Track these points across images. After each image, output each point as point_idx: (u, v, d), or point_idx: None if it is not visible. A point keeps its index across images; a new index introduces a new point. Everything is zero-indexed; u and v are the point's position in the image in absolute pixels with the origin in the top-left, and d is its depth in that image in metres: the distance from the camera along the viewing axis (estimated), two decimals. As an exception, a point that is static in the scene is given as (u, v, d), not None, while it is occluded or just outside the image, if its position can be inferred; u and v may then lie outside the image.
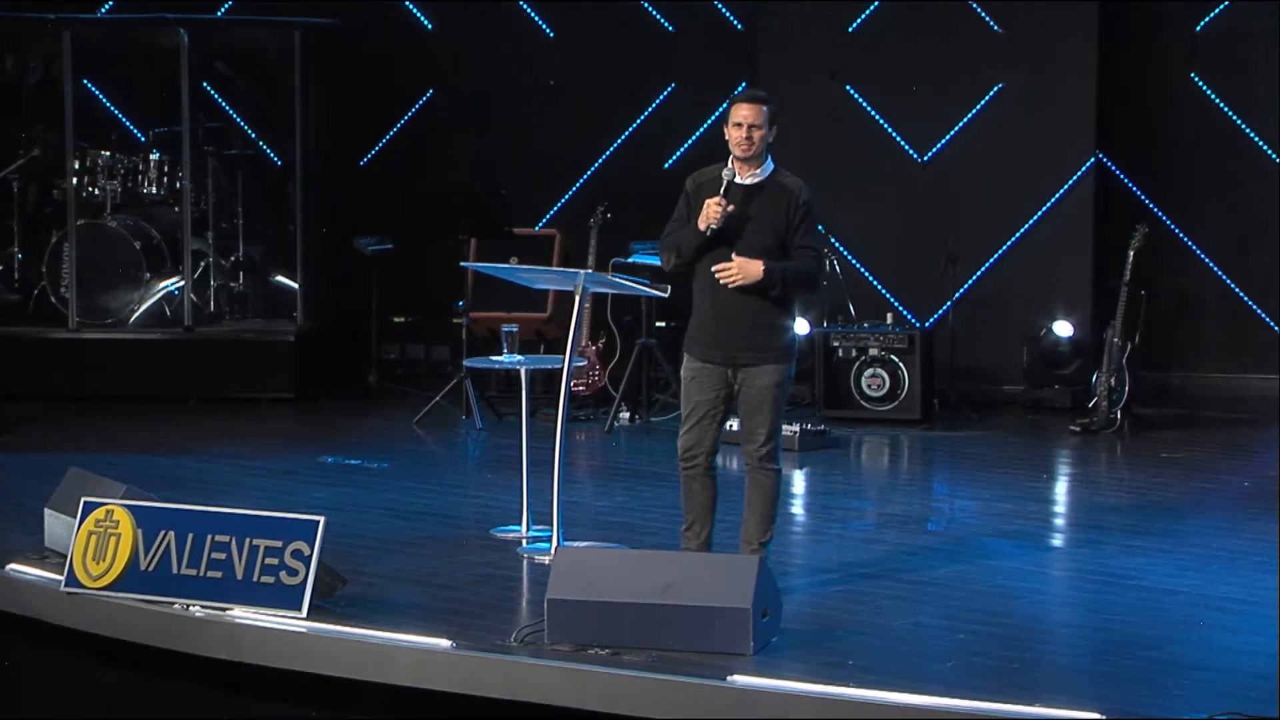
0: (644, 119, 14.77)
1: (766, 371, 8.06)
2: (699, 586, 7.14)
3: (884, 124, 13.95)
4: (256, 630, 7.38)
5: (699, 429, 8.19)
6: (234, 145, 14.69)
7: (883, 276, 13.92)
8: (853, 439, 12.36)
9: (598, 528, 9.38)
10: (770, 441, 8.14)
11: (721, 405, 8.18)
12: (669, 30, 14.79)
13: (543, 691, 6.88)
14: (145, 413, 13.12)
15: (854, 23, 13.96)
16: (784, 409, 8.20)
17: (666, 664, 6.89)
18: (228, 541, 7.58)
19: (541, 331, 13.43)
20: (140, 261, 14.11)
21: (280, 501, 9.67)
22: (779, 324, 8.10)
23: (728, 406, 8.21)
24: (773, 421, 8.14)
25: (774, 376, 8.06)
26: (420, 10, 15.11)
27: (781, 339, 8.11)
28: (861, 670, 6.87)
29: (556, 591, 7.24)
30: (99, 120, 14.75)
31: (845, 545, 9.39)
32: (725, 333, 8.08)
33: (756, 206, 8.09)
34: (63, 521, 8.28)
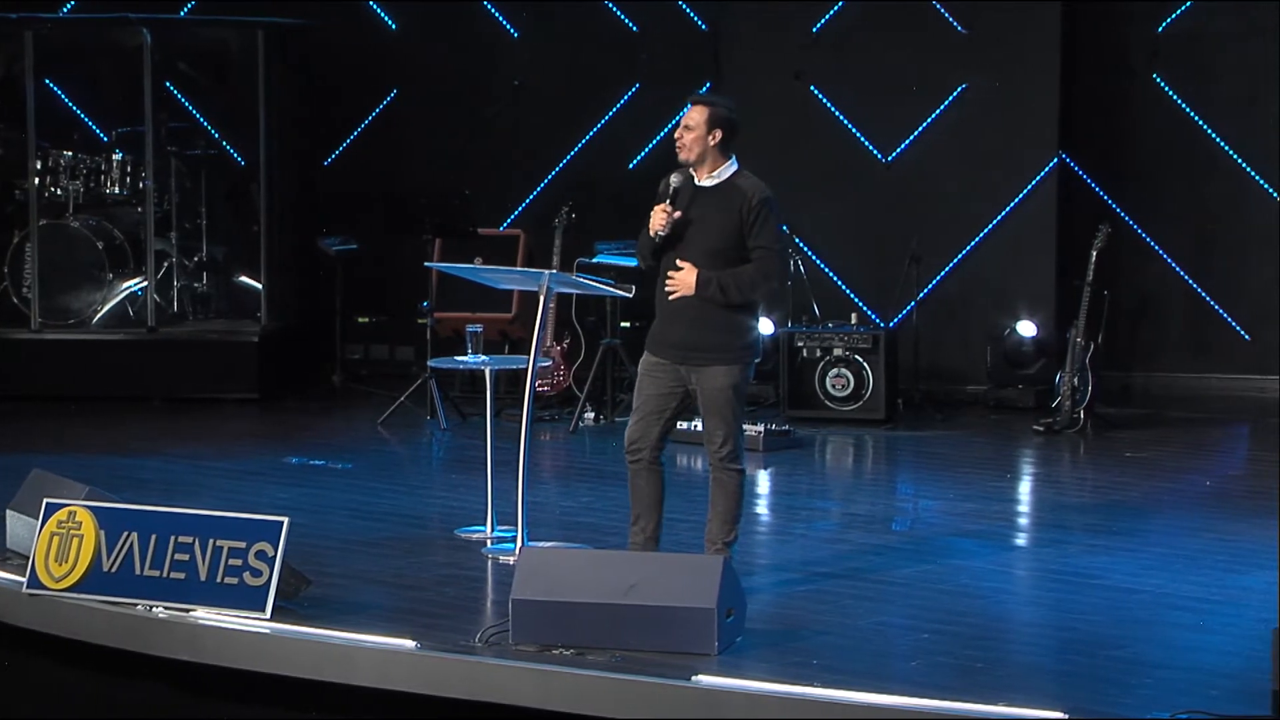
0: (608, 119, 14.76)
1: (719, 373, 8.03)
2: (663, 587, 7.14)
3: (848, 124, 13.97)
4: (219, 631, 7.36)
5: (644, 422, 8.19)
6: (197, 145, 14.66)
7: (847, 276, 13.93)
8: (817, 439, 12.38)
9: (562, 528, 9.38)
10: (729, 443, 8.11)
11: (672, 402, 8.16)
12: (633, 30, 14.79)
13: (507, 692, 6.87)
14: (108, 413, 13.07)
15: (818, 23, 13.97)
16: (742, 410, 8.16)
17: (631, 664, 6.89)
18: (191, 542, 7.57)
19: (506, 332, 13.43)
20: (103, 262, 14.07)
21: (244, 502, 9.65)
22: (732, 324, 8.05)
23: (680, 405, 8.20)
24: (729, 423, 8.09)
25: (727, 378, 8.03)
26: (384, 10, 15.09)
27: (735, 340, 8.06)
28: (826, 670, 6.88)
29: (521, 592, 7.23)
30: (61, 120, 14.70)
31: (810, 545, 9.40)
32: (678, 332, 8.08)
33: (708, 210, 8.08)
34: (24, 523, 8.24)
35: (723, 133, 8.11)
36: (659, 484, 8.29)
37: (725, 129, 8.11)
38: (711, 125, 8.10)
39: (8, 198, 14.57)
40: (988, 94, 13.68)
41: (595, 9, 14.76)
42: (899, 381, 13.06)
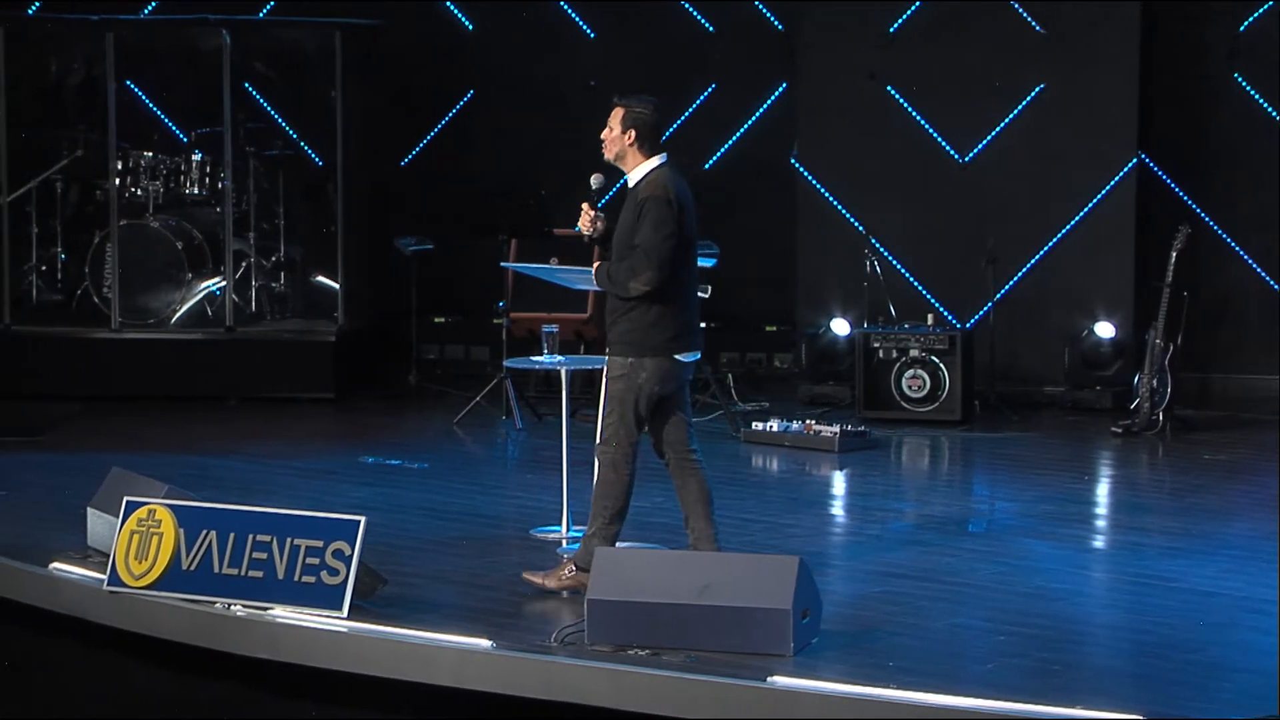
0: (684, 120, 14.76)
1: (610, 363, 8.14)
2: (738, 587, 7.13)
3: (924, 124, 13.92)
4: (297, 630, 7.39)
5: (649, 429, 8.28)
6: (275, 146, 14.74)
7: (923, 277, 13.89)
8: (893, 440, 12.34)
9: (636, 528, 9.36)
10: (602, 434, 8.13)
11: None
12: (709, 31, 14.79)
13: (582, 692, 6.88)
14: (186, 413, 13.17)
15: (895, 23, 13.93)
16: (624, 404, 8.07)
17: (706, 665, 6.89)
18: (269, 541, 7.60)
19: (581, 332, 13.44)
20: (182, 262, 14.17)
21: (321, 501, 9.70)
22: (628, 316, 8.08)
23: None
24: (607, 414, 8.11)
25: (612, 369, 8.12)
26: (461, 10, 15.14)
27: (626, 332, 8.09)
28: (901, 671, 6.85)
29: (596, 592, 7.24)
30: (141, 121, 14.82)
31: (885, 546, 9.37)
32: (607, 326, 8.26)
33: (624, 209, 8.19)
34: (105, 521, 8.31)
35: (637, 132, 8.19)
36: (689, 483, 8.25)
37: (640, 129, 8.20)
38: (626, 126, 8.23)
39: (89, 198, 14.70)
40: (1066, 94, 13.61)
41: (671, 9, 14.77)
42: (975, 382, 13.00)
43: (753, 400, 13.40)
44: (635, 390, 8.05)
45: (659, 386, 8.08)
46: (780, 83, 14.59)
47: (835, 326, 13.79)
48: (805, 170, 14.15)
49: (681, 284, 8.09)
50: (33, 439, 11.99)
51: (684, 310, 8.10)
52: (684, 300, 8.11)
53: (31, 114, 14.65)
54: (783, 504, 10.33)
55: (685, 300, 8.12)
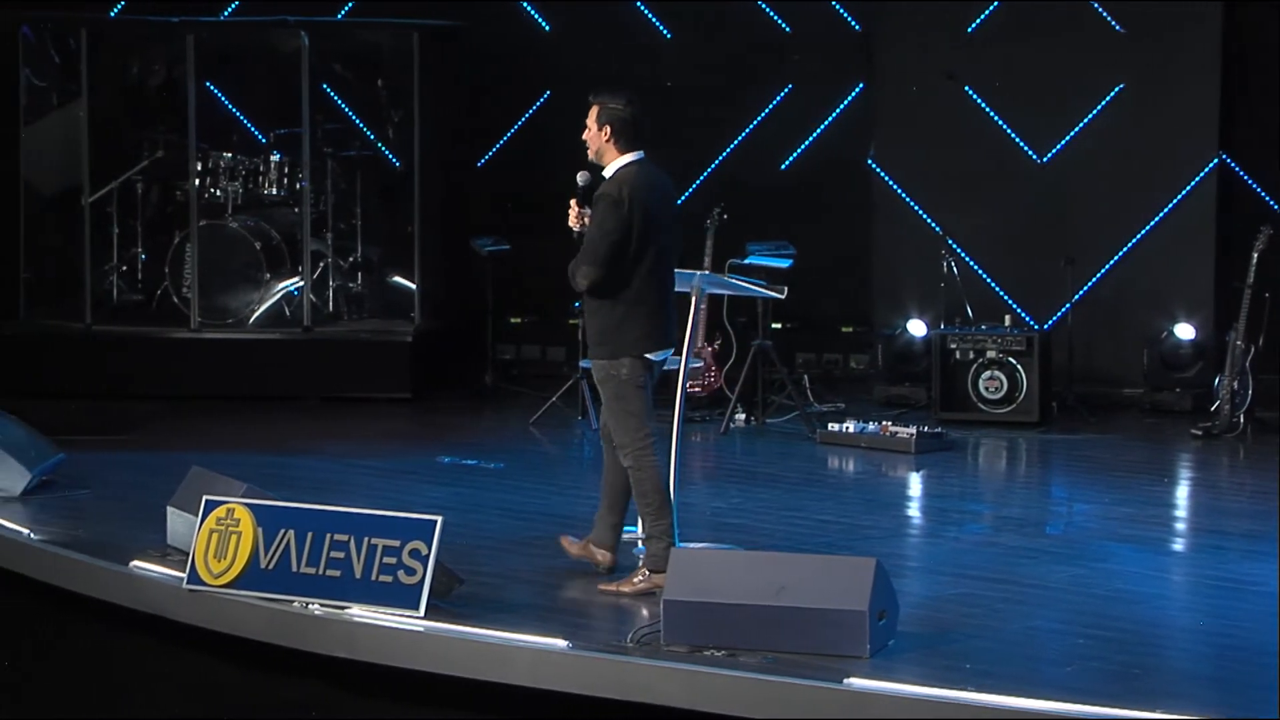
0: (760, 120, 14.75)
1: (594, 367, 8.34)
2: (815, 588, 7.12)
3: (1002, 125, 13.85)
4: (374, 629, 7.42)
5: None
6: (352, 146, 14.81)
7: (1000, 278, 13.82)
8: (969, 441, 12.29)
9: (713, 529, 9.38)
10: (615, 438, 8.30)
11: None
12: (786, 31, 14.76)
13: (657, 692, 6.88)
14: (264, 412, 13.24)
15: (973, 23, 13.87)
16: (624, 404, 8.23)
17: (782, 666, 6.88)
18: (346, 540, 7.63)
19: (657, 332, 13.42)
20: (260, 262, 14.25)
21: (397, 501, 9.73)
22: (597, 316, 8.27)
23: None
24: (610, 418, 8.31)
25: (597, 372, 8.30)
26: (538, 11, 15.16)
27: (600, 333, 8.27)
28: (979, 674, 6.83)
29: (672, 593, 7.24)
30: (220, 122, 14.91)
31: (962, 548, 9.34)
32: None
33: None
34: (185, 519, 8.36)
35: (612, 129, 8.29)
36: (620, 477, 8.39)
37: (614, 125, 8.30)
38: (601, 123, 8.36)
39: (169, 199, 14.80)
40: (1146, 93, 13.51)
41: (748, 10, 14.75)
42: (1053, 384, 12.93)
43: (828, 401, 13.36)
44: (623, 387, 8.22)
45: (642, 379, 8.26)
46: (857, 83, 14.55)
47: (912, 327, 13.74)
48: (882, 171, 14.11)
49: (648, 283, 8.20)
50: (113, 438, 12.09)
51: (652, 309, 8.23)
52: (653, 299, 8.23)
53: (113, 116, 14.77)
54: (859, 505, 10.30)
55: (654, 299, 8.23)
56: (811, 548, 8.87)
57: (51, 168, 14.80)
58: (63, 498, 10.06)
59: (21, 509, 9.65)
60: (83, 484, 10.37)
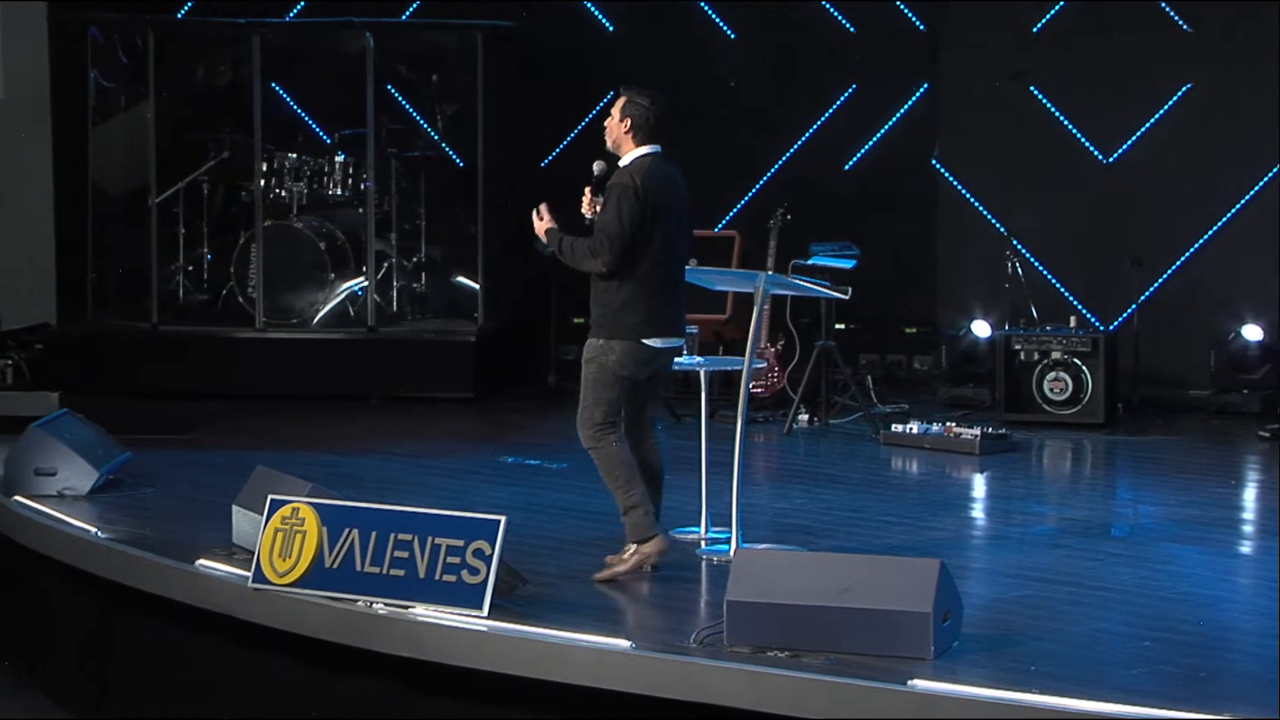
0: (824, 120, 14.73)
1: (586, 345, 8.47)
2: (879, 589, 7.10)
3: (1068, 125, 13.80)
4: (438, 629, 7.44)
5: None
6: (416, 147, 14.86)
7: (1065, 279, 13.77)
8: (1034, 443, 12.23)
9: (776, 530, 9.36)
10: (582, 417, 8.37)
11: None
12: (850, 31, 14.74)
13: (720, 693, 6.87)
14: (328, 412, 13.30)
15: (1039, 23, 13.82)
16: (598, 387, 8.33)
17: (846, 667, 6.86)
18: (410, 540, 7.65)
19: (720, 333, 13.43)
20: (325, 262, 14.31)
21: (461, 501, 9.76)
22: (601, 299, 8.39)
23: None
24: (582, 396, 8.38)
25: (586, 351, 8.43)
26: (601, 12, 15.18)
27: (599, 315, 8.39)
28: (1044, 676, 6.79)
29: (736, 593, 7.23)
30: (286, 123, 15.00)
31: (1026, 550, 9.30)
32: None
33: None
34: (250, 518, 8.40)
35: (632, 122, 8.56)
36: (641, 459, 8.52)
37: (634, 118, 8.58)
38: (624, 115, 8.61)
39: (234, 199, 14.89)
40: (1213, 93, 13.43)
41: (812, 9, 14.74)
42: (1118, 385, 12.86)
43: (892, 402, 13.33)
44: (604, 371, 8.33)
45: (628, 370, 8.32)
46: (921, 83, 14.52)
47: (976, 328, 13.69)
48: (946, 171, 14.07)
49: (654, 270, 8.33)
50: (179, 437, 12.16)
51: (655, 295, 8.32)
52: (657, 286, 8.33)
53: (180, 116, 14.86)
54: (923, 507, 10.27)
55: (658, 286, 8.34)
56: (875, 549, 8.84)
57: (119, 168, 14.92)
58: (129, 496, 10.13)
59: (89, 507, 9.71)
60: (149, 483, 10.43)
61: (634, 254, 8.29)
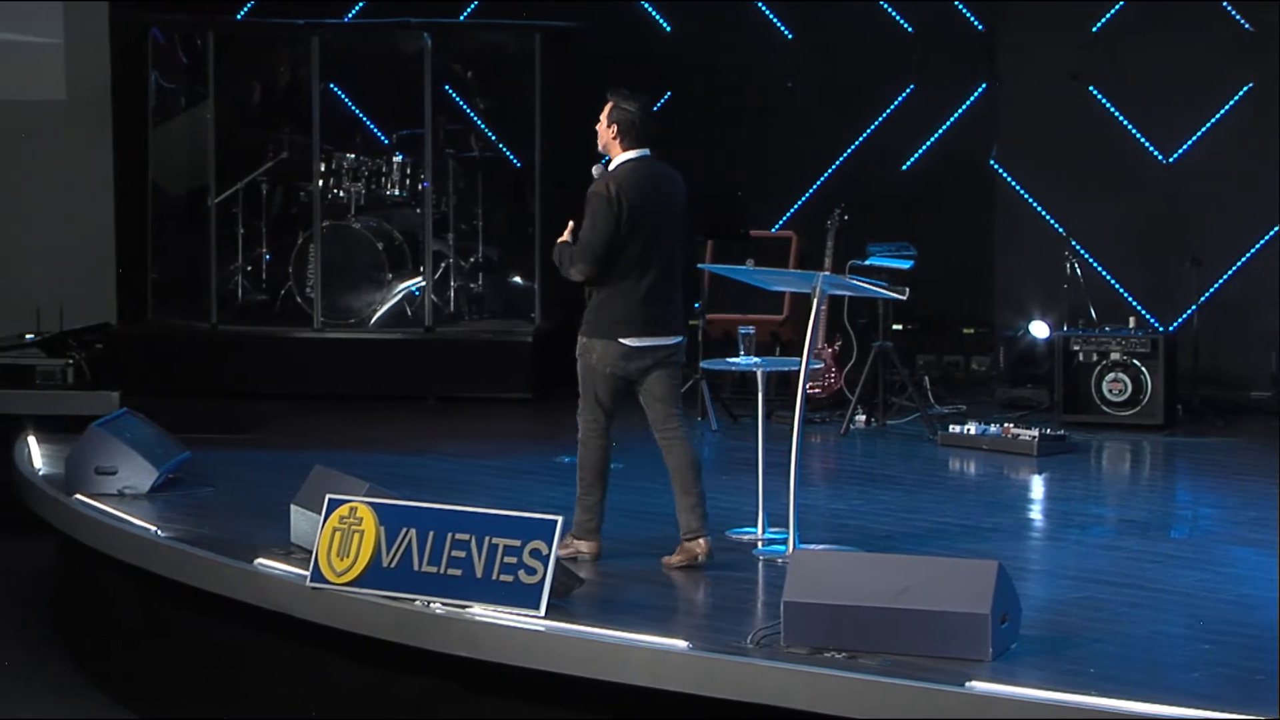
0: (882, 120, 14.69)
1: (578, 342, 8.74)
2: (936, 591, 7.08)
3: (1127, 124, 13.73)
4: (495, 628, 7.45)
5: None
6: (474, 147, 14.89)
7: (1124, 279, 13.70)
8: (1093, 444, 12.18)
9: (833, 530, 9.35)
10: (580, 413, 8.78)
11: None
12: (908, 31, 14.70)
13: (777, 693, 6.86)
14: (385, 412, 13.33)
15: (1098, 22, 13.76)
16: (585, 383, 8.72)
17: (903, 668, 6.85)
18: (468, 540, 7.66)
19: (777, 333, 13.41)
20: (382, 262, 14.36)
21: (517, 500, 9.77)
22: (589, 298, 8.69)
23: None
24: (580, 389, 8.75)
25: (577, 348, 8.75)
26: (658, 12, 15.18)
27: (585, 314, 8.69)
28: (1102, 679, 6.76)
29: (793, 594, 7.22)
30: (344, 123, 15.04)
31: (1084, 551, 9.26)
32: None
33: None
34: (308, 518, 8.43)
35: (619, 127, 8.75)
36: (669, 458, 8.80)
37: (621, 124, 8.76)
38: (610, 120, 8.81)
39: (293, 199, 14.95)
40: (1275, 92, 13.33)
41: (870, 9, 14.70)
42: (1178, 386, 12.79)
43: (949, 403, 13.30)
44: (590, 369, 8.64)
45: (610, 368, 8.60)
46: (980, 83, 14.47)
47: (1034, 329, 13.64)
48: (1004, 171, 14.02)
49: (630, 272, 8.52)
50: (238, 436, 12.21)
51: (631, 297, 8.53)
52: (634, 288, 8.53)
53: (239, 117, 14.93)
54: (980, 508, 10.24)
55: (634, 288, 8.53)
56: (932, 550, 8.82)
57: (179, 169, 15.00)
58: (188, 495, 10.18)
59: (149, 506, 9.77)
60: (208, 482, 10.48)
61: (611, 257, 8.51)
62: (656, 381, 8.70)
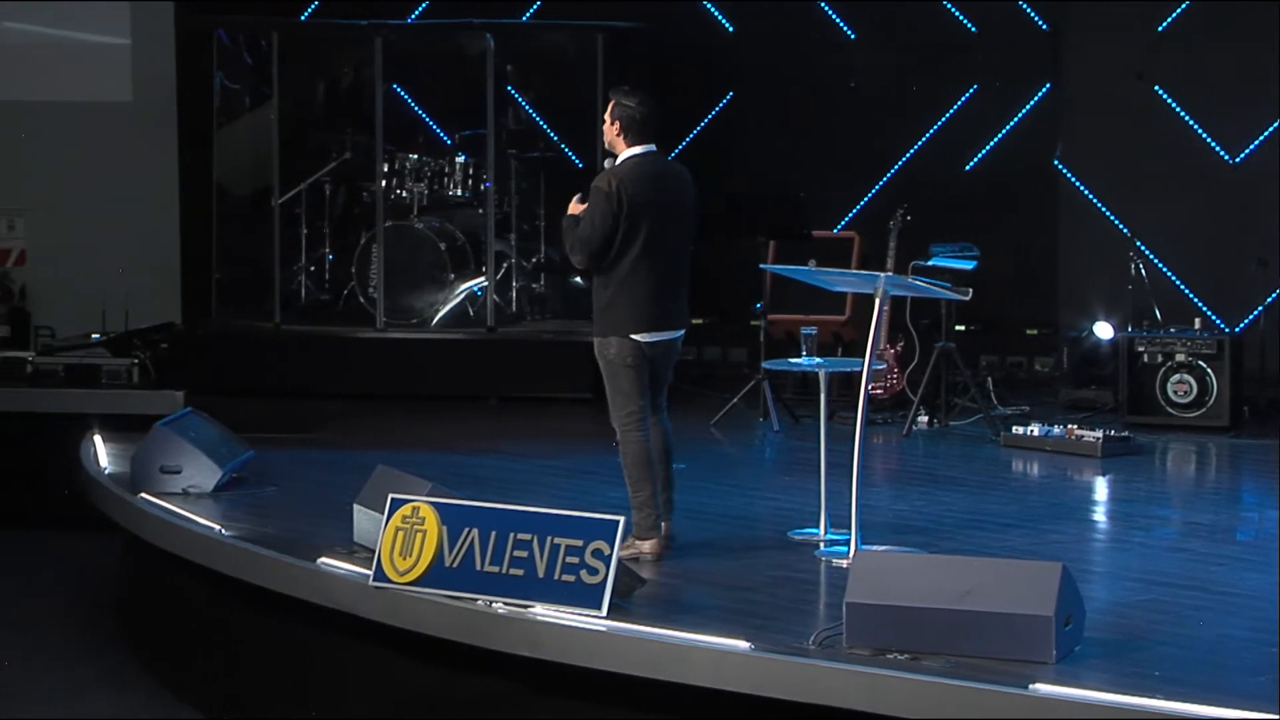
0: (945, 120, 14.64)
1: (594, 342, 8.79)
2: (1000, 592, 7.05)
3: (1193, 124, 13.65)
4: (557, 628, 7.46)
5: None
6: (536, 147, 14.91)
7: (1190, 280, 13.63)
8: (1157, 446, 12.11)
9: (895, 532, 9.32)
10: (611, 411, 8.74)
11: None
12: (971, 30, 14.65)
13: (839, 695, 6.85)
14: (447, 411, 13.36)
15: (1163, 21, 13.68)
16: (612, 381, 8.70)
17: (966, 670, 6.82)
18: (530, 540, 7.67)
19: (839, 334, 13.39)
20: (445, 262, 14.40)
21: (579, 501, 9.78)
22: (596, 297, 8.76)
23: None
24: (607, 390, 8.74)
25: (595, 348, 8.77)
26: (721, 12, 15.17)
27: (596, 312, 8.76)
28: (1167, 682, 6.72)
29: (855, 595, 7.20)
30: (406, 124, 15.09)
31: (1149, 553, 9.20)
32: None
33: None
34: (371, 517, 8.46)
35: (621, 124, 8.78)
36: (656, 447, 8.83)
37: (624, 120, 8.78)
38: (613, 118, 8.83)
39: (356, 200, 15.01)
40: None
41: (933, 9, 14.66)
42: (1244, 388, 12.71)
43: (1012, 404, 13.24)
44: (610, 365, 8.68)
45: (630, 360, 8.66)
46: (1044, 83, 14.41)
47: (1098, 330, 13.58)
48: (1069, 171, 13.96)
49: (636, 267, 8.61)
50: (301, 436, 12.26)
51: (637, 293, 8.64)
52: (638, 284, 8.64)
53: (302, 117, 15.01)
54: (1044, 509, 10.19)
55: (642, 283, 8.63)
56: (995, 552, 8.78)
57: (243, 169, 15.08)
58: (252, 494, 10.23)
59: (213, 505, 9.82)
60: (271, 481, 10.52)
61: (616, 253, 8.60)
62: (663, 370, 8.89)
